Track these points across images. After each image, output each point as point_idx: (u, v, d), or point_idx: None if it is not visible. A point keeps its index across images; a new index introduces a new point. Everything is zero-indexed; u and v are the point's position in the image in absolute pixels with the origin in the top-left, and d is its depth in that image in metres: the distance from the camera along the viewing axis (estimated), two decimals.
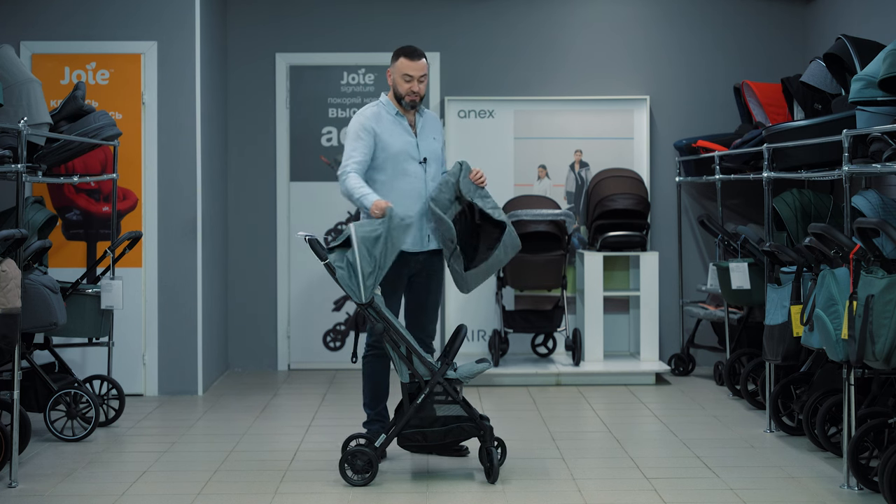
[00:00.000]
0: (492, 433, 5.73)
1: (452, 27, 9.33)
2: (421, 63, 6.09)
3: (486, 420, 5.78)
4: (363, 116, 6.11)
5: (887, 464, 5.00)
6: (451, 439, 5.75)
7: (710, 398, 7.98)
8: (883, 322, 5.11)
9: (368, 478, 5.65)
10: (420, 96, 6.12)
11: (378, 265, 5.54)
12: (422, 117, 6.20)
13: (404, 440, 5.73)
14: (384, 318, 5.64)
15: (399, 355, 5.66)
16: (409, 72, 6.06)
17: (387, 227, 5.53)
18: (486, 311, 9.10)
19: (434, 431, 5.70)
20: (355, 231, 5.53)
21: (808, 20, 9.26)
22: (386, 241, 5.53)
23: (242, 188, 9.30)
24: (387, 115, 6.12)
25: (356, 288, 5.56)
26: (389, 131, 6.08)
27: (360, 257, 5.51)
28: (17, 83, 6.42)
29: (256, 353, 9.29)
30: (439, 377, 5.65)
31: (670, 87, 9.36)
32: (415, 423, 5.69)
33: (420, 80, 6.08)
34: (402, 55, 6.11)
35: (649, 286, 8.79)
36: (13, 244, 5.67)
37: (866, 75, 5.75)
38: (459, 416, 5.69)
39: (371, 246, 5.54)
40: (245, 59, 9.30)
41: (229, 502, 5.44)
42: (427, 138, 6.16)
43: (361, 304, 5.61)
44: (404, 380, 5.70)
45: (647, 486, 5.62)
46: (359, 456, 5.65)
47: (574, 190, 9.27)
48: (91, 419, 6.76)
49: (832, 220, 7.06)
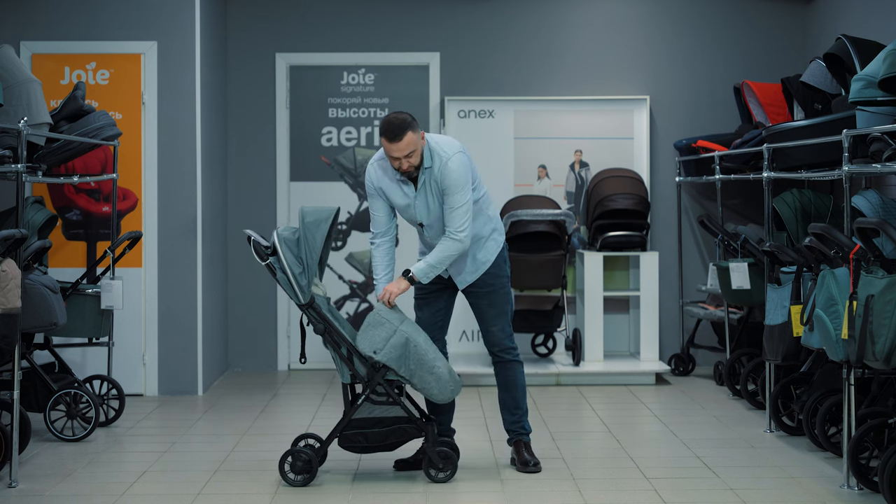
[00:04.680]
0: (434, 434, 5.71)
1: (452, 27, 9.33)
2: (403, 143, 5.57)
3: (432, 422, 5.77)
4: (369, 176, 5.86)
5: (887, 464, 5.00)
6: (392, 440, 5.71)
7: (710, 398, 7.98)
8: (883, 322, 5.10)
9: (307, 479, 5.64)
10: (414, 167, 5.67)
11: (306, 264, 5.58)
12: (426, 171, 5.72)
13: (345, 441, 5.70)
14: (324, 319, 5.66)
15: (340, 356, 5.66)
16: (391, 153, 5.62)
17: (302, 227, 5.59)
18: None
19: (375, 433, 5.68)
20: (278, 237, 5.60)
21: (808, 20, 9.26)
22: (305, 240, 5.58)
23: (242, 188, 9.30)
24: (391, 174, 5.79)
25: (292, 290, 5.60)
26: (392, 191, 5.80)
27: (286, 261, 5.57)
28: (17, 83, 6.42)
29: (256, 353, 9.30)
30: (379, 378, 5.64)
31: (670, 87, 9.36)
32: (356, 424, 5.68)
33: (407, 157, 5.61)
34: (383, 135, 5.61)
35: (649, 286, 8.79)
36: (13, 244, 5.66)
37: (866, 75, 5.75)
38: (400, 416, 5.68)
39: (294, 248, 5.60)
40: (245, 59, 9.30)
41: (229, 502, 5.44)
42: (426, 198, 5.74)
43: (300, 304, 5.64)
44: (345, 380, 5.70)
45: (647, 486, 5.62)
46: (298, 456, 5.65)
47: (574, 190, 9.27)
48: (91, 419, 6.76)
49: (832, 220, 7.06)
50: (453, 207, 5.68)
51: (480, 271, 5.88)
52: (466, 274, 5.89)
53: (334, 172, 9.30)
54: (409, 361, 5.59)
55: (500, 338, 5.91)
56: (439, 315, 5.94)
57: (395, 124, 5.59)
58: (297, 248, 5.60)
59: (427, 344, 5.65)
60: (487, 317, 5.92)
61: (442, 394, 5.66)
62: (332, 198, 9.10)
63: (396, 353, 5.58)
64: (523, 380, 5.99)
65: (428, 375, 5.60)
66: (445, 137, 5.85)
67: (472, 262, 5.87)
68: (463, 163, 5.71)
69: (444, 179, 5.68)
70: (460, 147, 5.78)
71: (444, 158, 5.69)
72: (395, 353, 5.58)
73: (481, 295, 5.91)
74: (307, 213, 5.61)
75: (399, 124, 5.58)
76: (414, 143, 5.60)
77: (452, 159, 5.69)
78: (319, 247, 5.59)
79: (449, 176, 5.67)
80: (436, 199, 5.74)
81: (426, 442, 5.71)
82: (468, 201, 5.70)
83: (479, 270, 5.88)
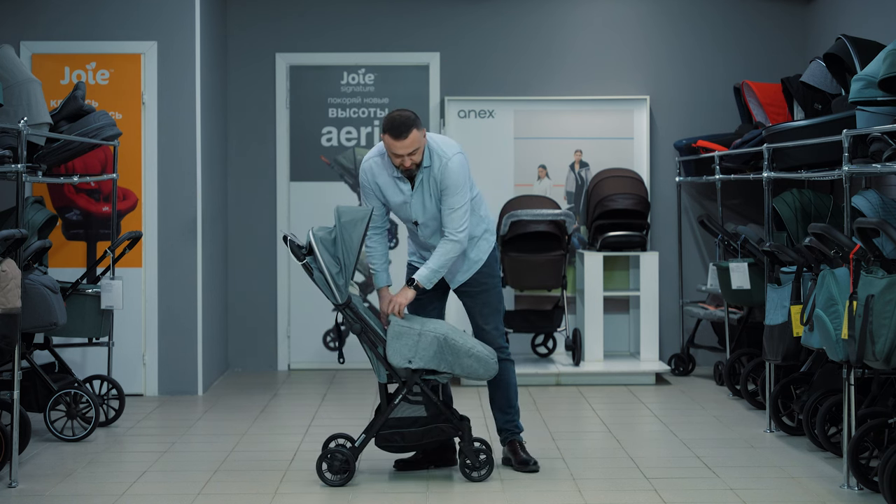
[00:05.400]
0: (470, 433, 5.72)
1: (452, 27, 9.33)
2: (407, 141, 5.54)
3: (467, 420, 5.77)
4: (364, 172, 5.82)
5: (887, 464, 5.00)
6: (429, 440, 5.72)
7: (710, 398, 7.98)
8: (883, 322, 5.10)
9: (346, 478, 5.64)
10: (416, 165, 5.65)
11: (343, 264, 5.56)
12: (425, 170, 5.70)
13: (382, 441, 5.70)
14: (361, 319, 5.66)
15: (377, 356, 5.66)
16: (395, 150, 5.58)
17: (338, 227, 5.56)
18: None
19: (412, 432, 5.68)
20: (314, 237, 5.57)
21: (808, 20, 9.26)
22: (342, 240, 5.55)
23: (242, 188, 9.30)
24: (387, 171, 5.77)
25: (329, 289, 5.59)
26: (388, 187, 5.79)
27: (323, 261, 5.55)
28: (17, 83, 6.42)
29: (256, 353, 9.29)
30: (417, 378, 5.65)
31: (670, 87, 9.36)
32: (392, 424, 5.69)
33: (411, 155, 5.58)
34: (388, 131, 5.56)
35: (649, 286, 8.79)
36: (13, 244, 5.66)
37: (866, 75, 5.75)
38: (437, 415, 5.68)
39: (331, 247, 5.58)
40: (245, 59, 9.30)
41: (229, 502, 5.44)
42: (423, 197, 5.73)
43: (338, 304, 5.63)
44: (382, 380, 5.70)
45: (647, 486, 5.62)
46: (336, 456, 5.65)
47: (574, 190, 9.27)
48: (91, 419, 6.76)
49: (832, 220, 7.06)
50: (453, 208, 5.69)
51: (473, 270, 5.89)
52: (459, 273, 5.90)
53: (334, 172, 9.30)
54: (446, 355, 5.60)
55: (493, 336, 5.92)
56: (432, 315, 5.96)
57: (400, 121, 5.56)
58: (333, 247, 5.57)
59: (453, 332, 5.67)
60: (481, 316, 5.93)
61: (487, 371, 5.69)
62: (332, 198, 9.10)
63: (431, 353, 5.60)
64: (515, 379, 6.01)
65: (467, 359, 5.61)
66: (444, 137, 5.86)
67: (465, 262, 5.89)
68: (463, 164, 5.72)
69: (444, 180, 5.67)
70: (459, 148, 5.79)
71: (444, 159, 5.68)
72: (429, 353, 5.59)
73: (474, 294, 5.92)
74: (343, 213, 5.56)
75: (404, 121, 5.57)
76: (418, 141, 5.59)
77: (453, 160, 5.69)
78: (357, 247, 5.56)
79: (449, 177, 5.67)
80: (432, 198, 5.73)
81: (462, 441, 5.71)
82: (467, 202, 5.71)
83: (471, 270, 5.90)
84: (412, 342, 5.60)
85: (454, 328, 5.73)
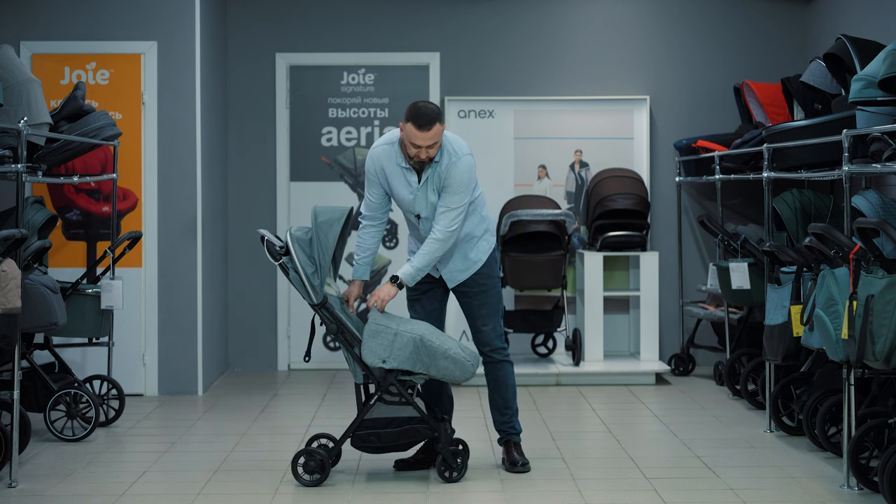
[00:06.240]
0: (447, 434, 5.71)
1: (452, 27, 9.33)
2: (430, 133, 5.54)
3: (445, 422, 5.76)
4: (372, 159, 5.81)
5: (887, 464, 5.00)
6: (405, 440, 5.70)
7: (710, 398, 7.98)
8: (883, 322, 5.10)
9: (320, 479, 5.63)
10: (430, 158, 5.65)
11: (318, 264, 5.56)
12: (434, 165, 5.70)
13: (358, 441, 5.69)
14: (337, 319, 5.66)
15: (353, 356, 5.66)
16: (416, 141, 5.57)
17: (314, 227, 5.56)
18: None
19: (388, 433, 5.67)
20: (290, 237, 5.57)
21: (808, 20, 9.26)
22: (318, 240, 5.55)
23: (242, 188, 9.30)
24: (396, 160, 5.75)
25: (304, 289, 5.59)
26: (394, 177, 5.77)
27: (299, 261, 5.55)
28: (17, 83, 6.42)
29: (256, 353, 9.29)
30: (392, 378, 5.64)
31: (670, 87, 9.36)
32: (368, 424, 5.68)
33: (429, 148, 5.58)
34: (412, 120, 5.56)
35: (649, 286, 8.79)
36: (13, 244, 5.66)
37: (866, 75, 5.75)
38: (413, 416, 5.67)
39: (307, 248, 5.58)
40: (245, 59, 9.30)
41: (229, 502, 5.44)
42: (428, 191, 5.72)
43: (313, 304, 5.63)
44: (358, 380, 5.70)
45: (647, 486, 5.62)
46: (312, 456, 5.64)
47: (574, 190, 9.27)
48: (91, 419, 6.76)
49: (832, 220, 7.06)
50: (450, 207, 5.68)
51: (471, 270, 5.88)
52: (457, 273, 5.88)
53: (334, 172, 9.30)
54: (422, 356, 5.58)
55: (491, 337, 5.91)
56: (433, 315, 5.95)
57: (426, 112, 5.57)
58: (309, 248, 5.57)
59: (430, 333, 5.63)
60: (479, 316, 5.91)
61: (464, 373, 5.65)
62: (332, 198, 9.10)
63: (406, 354, 5.57)
64: (514, 380, 6.00)
65: (443, 361, 5.58)
66: (457, 137, 5.85)
67: (464, 261, 5.87)
68: (471, 166, 5.73)
69: (449, 177, 5.67)
70: (470, 150, 5.79)
71: (454, 158, 5.69)
72: (405, 353, 5.57)
73: (473, 294, 5.91)
74: (319, 213, 5.57)
75: (430, 113, 5.57)
76: (439, 135, 5.61)
77: (462, 160, 5.70)
78: (332, 247, 5.56)
79: (455, 176, 5.67)
80: (436, 193, 5.74)
81: (439, 442, 5.70)
82: (465, 205, 5.71)
83: (470, 269, 5.88)
84: (387, 342, 5.57)
85: (434, 329, 5.70)
